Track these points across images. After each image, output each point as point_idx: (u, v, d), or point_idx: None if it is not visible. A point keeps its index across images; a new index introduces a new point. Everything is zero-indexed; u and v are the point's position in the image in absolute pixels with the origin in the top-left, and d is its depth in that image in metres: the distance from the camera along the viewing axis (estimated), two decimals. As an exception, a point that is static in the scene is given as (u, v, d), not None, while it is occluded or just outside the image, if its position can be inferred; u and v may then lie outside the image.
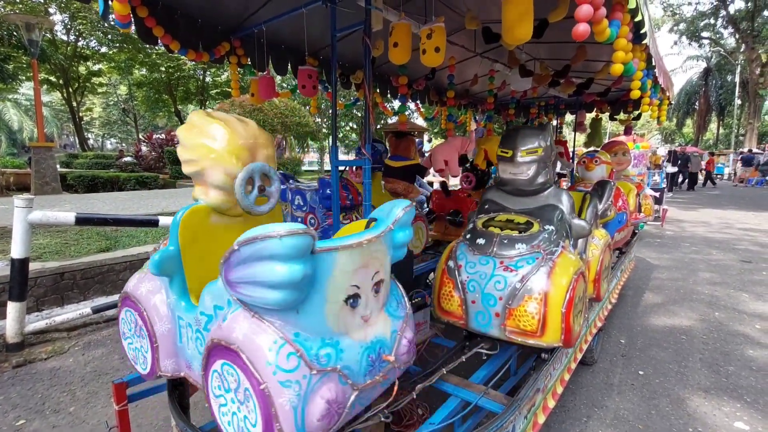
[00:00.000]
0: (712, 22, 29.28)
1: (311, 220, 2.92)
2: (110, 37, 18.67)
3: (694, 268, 5.84)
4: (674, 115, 33.29)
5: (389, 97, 4.34)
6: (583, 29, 1.34)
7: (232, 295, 1.14)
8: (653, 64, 2.25)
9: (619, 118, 5.05)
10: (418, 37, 2.05)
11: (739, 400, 2.70)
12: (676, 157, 17.97)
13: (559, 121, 5.86)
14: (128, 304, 1.57)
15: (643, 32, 1.80)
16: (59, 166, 13.29)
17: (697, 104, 32.79)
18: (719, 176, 26.65)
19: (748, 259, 6.32)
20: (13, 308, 3.29)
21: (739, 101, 28.24)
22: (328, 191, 2.82)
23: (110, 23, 16.15)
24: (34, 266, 3.66)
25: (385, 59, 3.23)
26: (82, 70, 21.98)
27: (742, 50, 26.64)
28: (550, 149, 2.18)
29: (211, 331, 1.22)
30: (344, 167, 3.25)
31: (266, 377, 1.04)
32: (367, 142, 2.04)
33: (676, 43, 31.57)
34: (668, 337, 3.64)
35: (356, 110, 21.60)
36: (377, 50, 2.37)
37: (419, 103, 4.79)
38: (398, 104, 6.10)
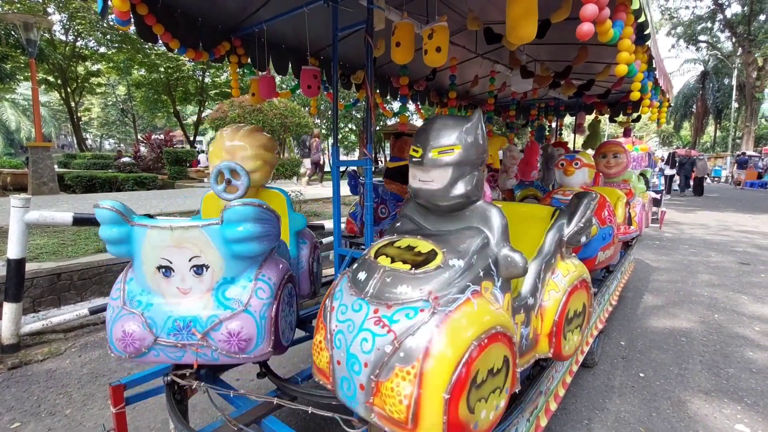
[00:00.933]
0: (709, 25, 29.46)
1: (382, 209, 3.42)
2: (109, 37, 18.61)
3: (693, 270, 5.85)
4: (672, 117, 33.44)
5: (389, 98, 4.34)
6: (587, 29, 1.33)
7: None
8: (654, 65, 2.25)
9: (618, 120, 5.05)
10: (420, 37, 2.04)
11: (739, 402, 2.69)
12: (673, 159, 17.55)
13: (558, 122, 5.86)
14: None
15: (646, 33, 1.80)
16: (57, 166, 13.24)
17: (694, 107, 32.95)
18: (717, 179, 26.80)
19: (746, 261, 6.33)
20: (9, 309, 3.26)
21: (736, 104, 28.41)
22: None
23: (109, 22, 16.12)
24: (30, 267, 3.63)
25: (385, 60, 3.22)
26: (80, 70, 21.91)
27: (738, 54, 26.79)
28: (475, 148, 1.49)
29: None
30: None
31: (109, 300, 1.63)
32: (368, 142, 2.03)
33: (673, 46, 31.75)
34: (668, 339, 3.63)
35: (355, 111, 21.61)
36: (378, 50, 2.36)
37: (419, 104, 4.79)
38: (398, 105, 6.10)
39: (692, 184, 17.54)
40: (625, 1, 1.55)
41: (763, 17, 25.40)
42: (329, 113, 21.06)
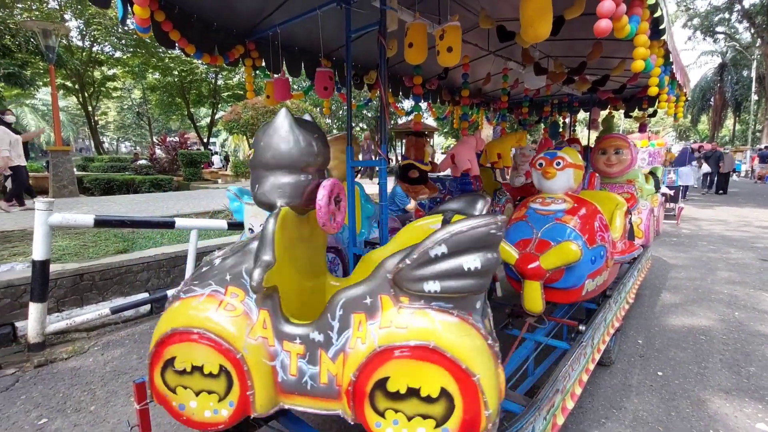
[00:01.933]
0: (726, 16, 28.70)
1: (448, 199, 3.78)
2: (124, 42, 18.98)
3: (712, 267, 5.73)
4: (689, 111, 32.69)
5: (401, 97, 4.35)
6: (605, 25, 1.32)
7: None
8: (670, 59, 2.22)
9: (634, 115, 4.98)
10: (433, 36, 2.05)
11: (761, 401, 2.64)
12: (690, 155, 16.77)
13: (572, 118, 5.80)
14: None
15: (662, 28, 1.78)
16: (76, 169, 13.56)
17: (712, 100, 32.16)
18: (737, 174, 26.11)
19: (767, 257, 6.18)
20: (34, 309, 3.36)
21: (755, 97, 27.63)
22: (465, 179, 3.93)
23: (125, 28, 16.42)
24: (54, 268, 3.74)
25: (397, 59, 3.24)
26: (97, 74, 22.39)
27: (757, 45, 26.06)
28: (270, 150, 1.42)
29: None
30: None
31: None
32: (382, 142, 2.04)
33: (690, 38, 31.02)
34: (687, 337, 3.57)
35: (366, 111, 21.65)
36: (391, 50, 2.37)
37: (431, 102, 4.79)
38: (409, 104, 6.11)
39: (717, 180, 15.88)
40: (641, -4, 1.54)
41: (783, 6, 24.67)
42: (340, 113, 21.14)
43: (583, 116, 5.94)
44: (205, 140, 24.97)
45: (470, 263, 1.14)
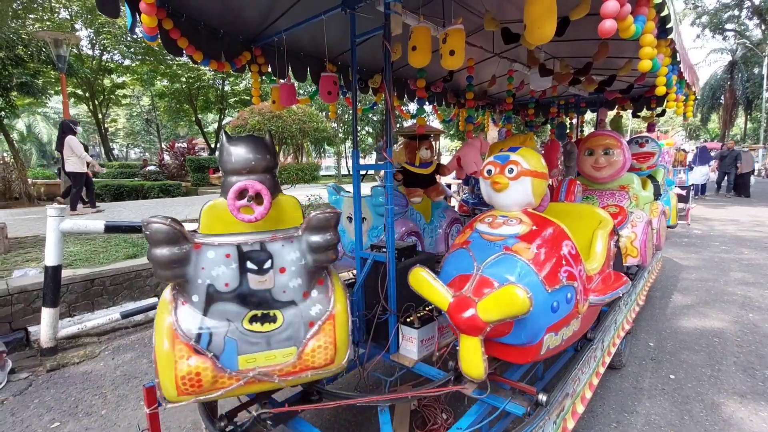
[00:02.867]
0: (736, 13, 28.31)
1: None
2: (133, 50, 19.28)
3: (724, 267, 5.64)
4: (699, 110, 32.26)
5: (405, 100, 4.35)
6: (609, 26, 1.31)
7: None
8: (678, 59, 2.19)
9: (642, 114, 4.93)
10: (437, 39, 2.05)
11: (778, 405, 2.59)
12: (705, 154, 14.71)
13: (579, 119, 5.76)
14: None
15: (669, 27, 1.76)
16: (86, 176, 13.72)
17: (722, 98, 31.71)
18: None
19: (782, 258, 6.06)
20: (47, 314, 3.41)
21: (767, 94, 27.20)
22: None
23: (135, 36, 16.67)
24: (65, 273, 3.79)
25: (402, 62, 3.24)
26: (106, 82, 22.76)
27: (769, 42, 25.69)
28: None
29: None
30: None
31: None
32: (388, 145, 2.05)
33: (698, 36, 30.65)
34: (700, 339, 3.51)
35: (372, 114, 21.72)
36: (395, 54, 2.38)
37: (436, 105, 4.79)
38: (414, 107, 6.12)
39: (735, 182, 14.31)
40: (646, -5, 1.53)
41: (794, 3, 24.31)
42: (346, 117, 21.22)
43: (590, 117, 5.88)
44: (212, 146, 25.22)
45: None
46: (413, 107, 6.34)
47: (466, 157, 3.40)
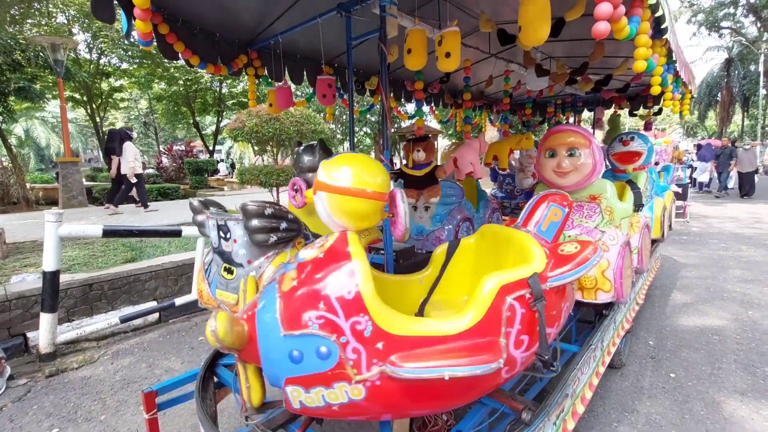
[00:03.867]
0: (731, 11, 28.41)
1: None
2: (130, 53, 19.25)
3: (723, 265, 5.65)
4: (696, 107, 32.33)
5: (403, 101, 4.36)
6: (602, 28, 1.32)
7: None
8: (674, 58, 2.20)
9: (639, 113, 4.94)
10: (433, 41, 2.05)
11: (778, 403, 2.59)
12: (708, 151, 14.33)
13: (576, 118, 5.77)
14: None
15: (663, 27, 1.76)
16: (84, 179, 13.74)
17: (719, 96, 31.79)
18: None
19: (781, 255, 6.07)
20: (45, 319, 3.40)
21: (764, 91, 27.26)
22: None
23: (132, 41, 16.66)
24: (64, 278, 3.78)
25: (399, 64, 3.24)
26: (104, 86, 22.71)
27: (764, 39, 25.75)
28: None
29: None
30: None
31: None
32: (385, 148, 2.05)
33: (694, 34, 30.75)
34: (699, 337, 3.52)
35: (369, 116, 21.72)
36: (392, 56, 2.38)
37: (434, 106, 4.79)
38: (412, 108, 6.12)
39: (739, 181, 13.41)
40: (640, -4, 1.53)
41: (789, 0, 24.38)
42: (344, 118, 21.22)
43: (587, 116, 5.90)
44: (210, 148, 25.20)
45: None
46: (411, 108, 6.34)
47: (462, 158, 3.41)
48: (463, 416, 1.74)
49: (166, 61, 18.46)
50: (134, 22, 1.87)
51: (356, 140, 23.71)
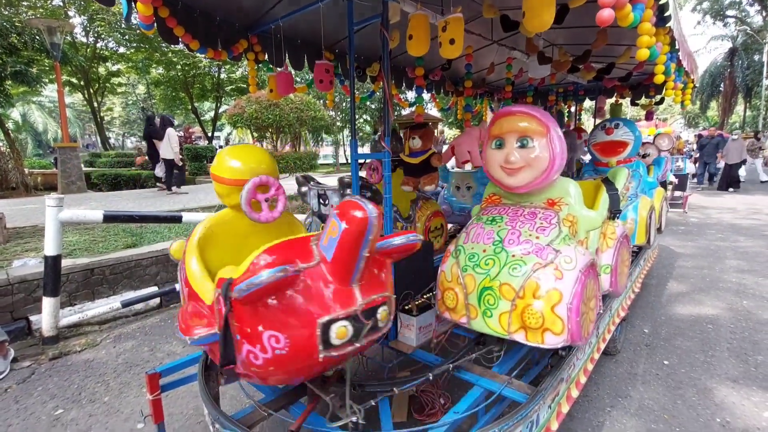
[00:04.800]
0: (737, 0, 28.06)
1: None
2: (127, 37, 19.00)
3: (720, 255, 5.69)
4: (698, 97, 32.09)
5: (403, 88, 4.33)
6: (607, 14, 1.31)
7: None
8: (677, 47, 2.19)
9: (640, 102, 4.92)
10: (435, 27, 2.04)
11: (769, 389, 2.64)
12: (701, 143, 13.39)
13: (578, 107, 5.74)
14: None
15: (667, 15, 1.75)
16: (83, 165, 13.68)
17: (722, 86, 31.53)
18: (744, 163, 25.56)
19: (777, 245, 6.11)
20: (48, 303, 3.44)
21: (767, 81, 27.07)
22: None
23: (130, 24, 16.42)
24: (65, 263, 3.81)
25: (400, 50, 3.22)
26: (101, 71, 22.46)
27: (770, 28, 25.47)
28: None
29: None
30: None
31: None
32: (386, 134, 2.05)
33: (699, 23, 30.40)
34: (694, 326, 3.57)
35: (369, 103, 21.56)
36: (393, 42, 2.36)
37: (435, 93, 4.77)
38: (412, 95, 6.09)
39: (723, 174, 12.64)
40: (645, -17, 1.52)
41: (796, -12, 24.03)
42: (344, 105, 21.07)
43: (589, 105, 5.86)
44: (209, 134, 25.05)
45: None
46: (411, 95, 6.31)
47: (459, 146, 3.40)
48: (459, 399, 1.78)
49: (164, 45, 18.25)
50: (135, 5, 1.85)
51: (356, 127, 23.59)
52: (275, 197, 1.72)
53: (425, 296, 2.38)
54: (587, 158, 4.54)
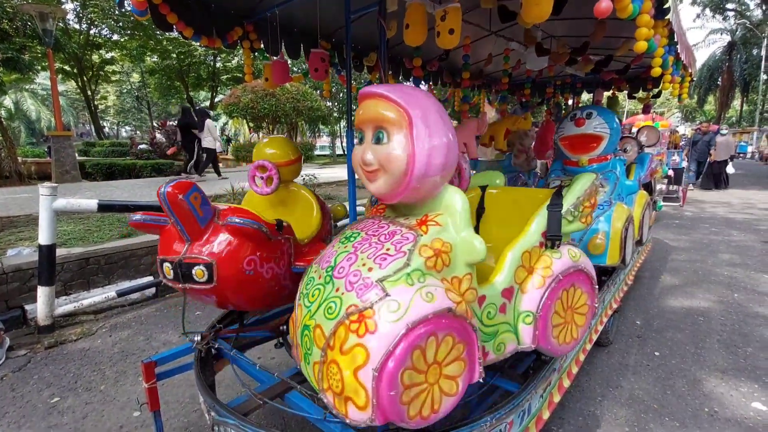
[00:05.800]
0: (737, -8, 27.96)
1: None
2: (121, 24, 18.70)
3: (713, 249, 5.75)
4: (695, 91, 32.11)
5: (401, 79, 4.29)
6: (605, 6, 1.30)
7: None
8: (675, 40, 2.18)
9: (638, 96, 4.91)
10: (432, 16, 2.02)
11: (757, 380, 2.69)
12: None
13: (575, 100, 5.73)
14: None
15: (666, 7, 1.75)
16: (77, 154, 13.55)
17: (720, 80, 31.54)
18: (742, 155, 25.74)
19: (770, 239, 6.18)
20: (43, 292, 3.43)
21: (765, 76, 27.07)
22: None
23: (124, 11, 16.16)
24: (60, 252, 3.79)
25: (397, 40, 3.19)
26: (95, 58, 22.14)
27: (769, 22, 25.42)
28: None
29: None
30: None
31: None
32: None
33: (699, 16, 30.26)
34: (685, 318, 3.61)
35: (367, 93, 21.41)
36: (391, 31, 2.34)
37: (432, 84, 4.73)
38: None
39: (706, 171, 12.08)
40: (644, -26, 1.51)
41: (796, -18, 23.95)
42: (341, 95, 20.93)
43: (587, 97, 5.86)
44: (205, 124, 24.84)
45: None
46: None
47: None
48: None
49: (159, 32, 17.99)
50: (127, -10, 1.82)
51: (353, 118, 23.45)
52: (270, 177, 2.26)
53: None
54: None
